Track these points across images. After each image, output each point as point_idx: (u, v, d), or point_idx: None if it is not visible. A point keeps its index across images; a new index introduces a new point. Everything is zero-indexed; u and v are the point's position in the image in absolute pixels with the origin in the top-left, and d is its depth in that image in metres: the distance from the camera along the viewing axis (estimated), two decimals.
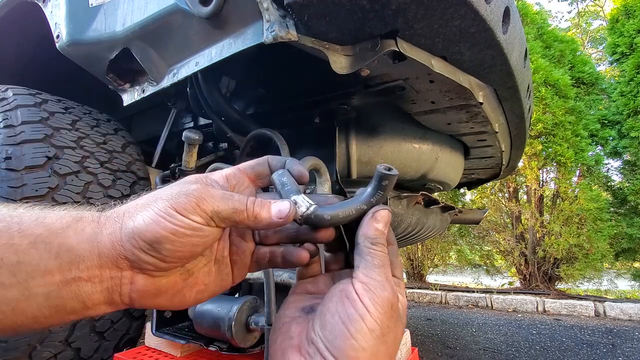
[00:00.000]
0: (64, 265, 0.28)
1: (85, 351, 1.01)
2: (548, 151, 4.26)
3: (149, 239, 0.29)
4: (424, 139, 1.26)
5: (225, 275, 0.37)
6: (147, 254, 0.30)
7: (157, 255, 0.30)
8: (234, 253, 0.38)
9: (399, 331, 0.32)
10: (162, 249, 0.30)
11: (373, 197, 0.36)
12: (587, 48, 11.84)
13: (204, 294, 0.36)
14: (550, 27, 5.14)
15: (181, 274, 0.34)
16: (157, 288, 0.32)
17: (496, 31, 0.74)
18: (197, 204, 0.30)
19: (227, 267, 0.37)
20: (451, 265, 6.10)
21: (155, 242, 0.29)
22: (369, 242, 0.34)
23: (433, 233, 1.61)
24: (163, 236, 0.29)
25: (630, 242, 4.54)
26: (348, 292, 0.31)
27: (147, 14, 0.83)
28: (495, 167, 1.75)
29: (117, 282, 0.30)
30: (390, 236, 0.37)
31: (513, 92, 1.01)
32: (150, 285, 0.31)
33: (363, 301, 0.30)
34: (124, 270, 0.30)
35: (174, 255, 0.30)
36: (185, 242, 0.30)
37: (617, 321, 3.24)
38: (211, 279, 0.36)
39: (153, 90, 0.96)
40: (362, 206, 0.36)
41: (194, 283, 0.35)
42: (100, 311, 0.31)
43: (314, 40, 0.69)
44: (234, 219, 0.32)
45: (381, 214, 0.35)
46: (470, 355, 2.26)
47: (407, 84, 0.92)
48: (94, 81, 1.13)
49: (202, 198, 0.31)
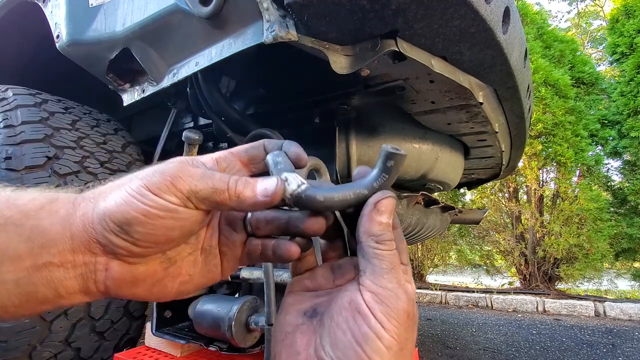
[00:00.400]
0: (35, 249, 0.26)
1: (85, 351, 1.02)
2: (548, 151, 4.26)
3: (118, 220, 0.27)
4: (424, 139, 1.26)
5: (213, 267, 0.34)
6: (118, 237, 0.27)
7: (129, 238, 0.27)
8: (223, 244, 0.35)
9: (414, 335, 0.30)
10: (132, 231, 0.27)
11: (376, 181, 0.30)
12: (587, 48, 11.84)
13: (187, 286, 0.33)
14: (550, 27, 5.15)
15: (161, 262, 0.31)
16: (134, 276, 0.29)
17: (496, 31, 0.74)
18: (172, 183, 0.28)
19: (216, 258, 0.34)
20: (451, 265, 6.10)
21: (125, 224, 0.27)
22: (373, 241, 0.29)
23: (433, 233, 1.61)
24: (133, 217, 0.27)
25: (630, 242, 4.54)
26: (358, 304, 0.28)
27: (147, 14, 0.83)
28: (495, 167, 1.75)
29: (91, 268, 0.28)
30: (394, 220, 0.32)
31: (513, 92, 1.02)
32: (126, 272, 0.29)
33: (376, 316, 0.27)
34: (98, 256, 0.28)
35: (147, 239, 0.28)
36: (158, 224, 0.27)
37: (617, 321, 3.24)
38: (197, 270, 0.33)
39: (153, 90, 0.96)
40: (363, 191, 0.30)
41: (177, 273, 0.32)
42: (75, 300, 0.29)
43: (314, 40, 0.69)
44: (214, 199, 0.29)
45: (384, 203, 0.30)
46: (470, 355, 2.26)
47: (407, 84, 0.92)
48: (94, 81, 1.13)
49: (178, 176, 0.28)
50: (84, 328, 1.01)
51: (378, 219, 0.30)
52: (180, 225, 0.29)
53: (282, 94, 1.21)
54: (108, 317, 1.07)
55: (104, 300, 1.06)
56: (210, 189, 0.29)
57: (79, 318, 1.00)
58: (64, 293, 0.28)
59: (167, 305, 1.08)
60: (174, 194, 0.28)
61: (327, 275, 0.35)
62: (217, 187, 0.29)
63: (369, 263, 0.29)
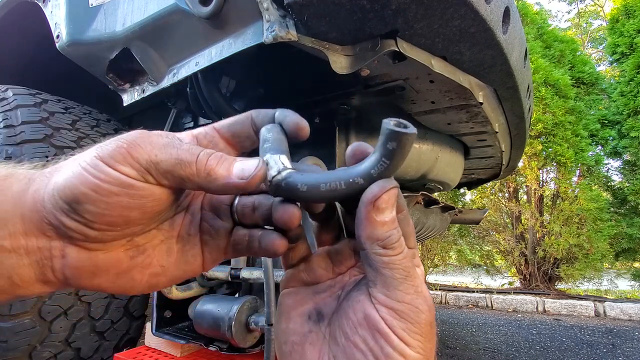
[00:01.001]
0: None
1: (85, 351, 1.02)
2: (548, 151, 4.26)
3: (67, 196, 0.23)
4: (424, 139, 1.26)
5: (192, 258, 0.30)
6: (69, 217, 0.23)
7: (79, 218, 0.23)
8: (205, 231, 0.30)
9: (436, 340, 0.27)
10: (82, 210, 0.23)
11: (374, 168, 0.24)
12: (587, 48, 11.84)
13: (160, 279, 0.28)
14: (550, 27, 5.15)
15: (127, 249, 0.27)
16: (94, 265, 0.25)
17: (496, 31, 0.74)
18: (129, 152, 0.23)
19: (195, 248, 0.30)
20: (451, 265, 6.09)
21: (74, 201, 0.23)
22: (379, 247, 0.24)
23: (433, 233, 1.61)
24: (82, 193, 0.23)
25: (630, 242, 4.54)
26: (375, 322, 0.24)
27: (147, 14, 0.83)
28: (495, 167, 1.75)
29: (46, 254, 0.24)
30: (399, 202, 0.26)
31: (513, 92, 1.02)
32: (85, 260, 0.25)
33: (398, 335, 0.24)
34: (53, 240, 0.24)
35: (100, 220, 0.24)
36: (111, 202, 0.23)
37: (617, 321, 3.24)
38: (171, 261, 0.29)
39: (153, 90, 0.96)
40: (358, 180, 0.24)
41: (147, 263, 0.27)
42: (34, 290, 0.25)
43: (314, 40, 0.69)
44: (178, 173, 0.24)
45: (384, 198, 0.24)
46: (470, 355, 2.26)
47: (407, 84, 0.92)
48: (94, 81, 1.13)
49: (136, 144, 0.24)
50: (84, 328, 1.01)
51: (380, 219, 0.24)
52: (140, 204, 0.24)
53: (282, 94, 1.21)
54: (108, 317, 1.07)
55: (104, 300, 1.06)
56: (174, 160, 0.24)
57: (79, 318, 1.00)
58: (20, 282, 0.24)
59: (167, 305, 1.08)
60: (129, 164, 0.23)
61: (324, 264, 0.31)
62: (183, 159, 0.24)
63: (378, 274, 0.25)
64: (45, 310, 0.94)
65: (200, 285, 1.08)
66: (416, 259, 0.28)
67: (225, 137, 0.30)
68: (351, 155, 0.27)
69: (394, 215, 0.25)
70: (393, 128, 0.22)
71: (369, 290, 0.26)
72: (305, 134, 0.29)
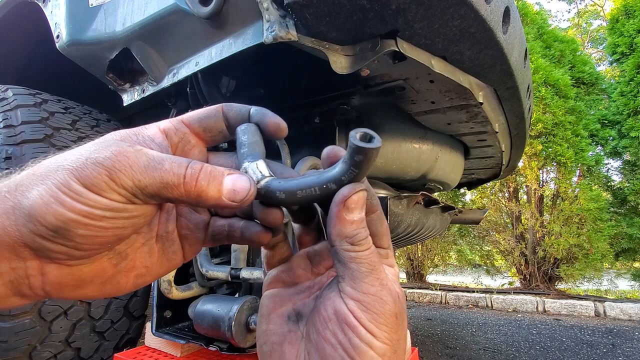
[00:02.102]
0: None
1: (85, 351, 1.02)
2: (548, 151, 4.26)
3: (52, 224, 0.22)
4: (424, 139, 1.26)
5: (172, 254, 0.30)
6: (54, 243, 0.22)
7: (68, 243, 0.23)
8: (183, 227, 0.30)
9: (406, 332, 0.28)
10: (72, 235, 0.22)
11: (344, 175, 0.26)
12: (587, 48, 11.84)
13: (145, 278, 0.29)
14: (550, 27, 5.15)
15: (110, 258, 0.26)
16: (77, 278, 0.25)
17: (496, 31, 0.74)
18: (112, 179, 0.22)
19: (175, 243, 0.30)
20: (451, 265, 6.10)
21: (62, 228, 0.22)
22: (347, 243, 0.26)
23: (433, 233, 1.61)
24: (72, 220, 0.22)
25: (630, 242, 4.54)
26: (344, 315, 0.26)
27: (147, 14, 0.83)
28: (495, 167, 1.75)
29: (21, 273, 0.23)
30: (372, 202, 0.29)
31: (513, 92, 1.02)
32: (67, 275, 0.24)
33: (365, 325, 0.25)
34: (28, 260, 0.23)
35: (91, 242, 0.23)
36: (102, 225, 0.23)
37: (617, 321, 3.24)
38: (154, 260, 0.29)
39: (153, 90, 0.96)
40: (331, 185, 0.27)
41: (130, 267, 0.28)
42: (13, 303, 0.24)
43: (314, 40, 0.69)
44: (165, 195, 0.24)
45: (354, 199, 0.26)
46: (470, 355, 2.26)
47: (407, 84, 0.92)
48: (94, 81, 1.13)
49: (116, 170, 0.23)
50: (84, 328, 1.01)
51: (349, 218, 0.26)
52: (133, 223, 0.24)
53: (282, 94, 1.21)
54: (108, 317, 1.07)
55: (104, 300, 1.06)
56: (159, 185, 0.24)
57: (79, 318, 1.00)
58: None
59: (167, 305, 1.08)
60: (115, 191, 0.23)
61: (304, 265, 0.32)
62: (169, 182, 0.24)
63: (346, 268, 0.26)
64: (45, 310, 0.94)
65: (200, 285, 1.08)
66: (390, 259, 0.30)
67: (196, 132, 0.30)
68: (325, 158, 0.29)
69: (362, 216, 0.27)
70: (358, 144, 0.24)
71: (338, 286, 0.27)
72: (285, 133, 0.30)
